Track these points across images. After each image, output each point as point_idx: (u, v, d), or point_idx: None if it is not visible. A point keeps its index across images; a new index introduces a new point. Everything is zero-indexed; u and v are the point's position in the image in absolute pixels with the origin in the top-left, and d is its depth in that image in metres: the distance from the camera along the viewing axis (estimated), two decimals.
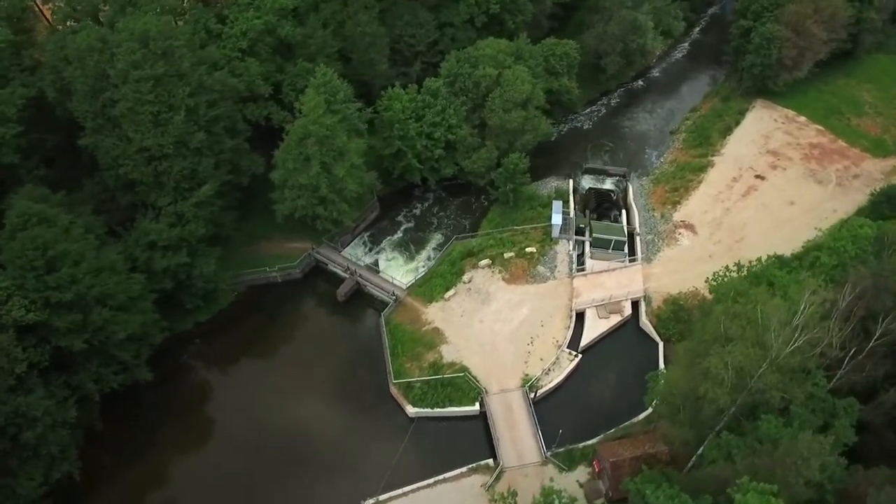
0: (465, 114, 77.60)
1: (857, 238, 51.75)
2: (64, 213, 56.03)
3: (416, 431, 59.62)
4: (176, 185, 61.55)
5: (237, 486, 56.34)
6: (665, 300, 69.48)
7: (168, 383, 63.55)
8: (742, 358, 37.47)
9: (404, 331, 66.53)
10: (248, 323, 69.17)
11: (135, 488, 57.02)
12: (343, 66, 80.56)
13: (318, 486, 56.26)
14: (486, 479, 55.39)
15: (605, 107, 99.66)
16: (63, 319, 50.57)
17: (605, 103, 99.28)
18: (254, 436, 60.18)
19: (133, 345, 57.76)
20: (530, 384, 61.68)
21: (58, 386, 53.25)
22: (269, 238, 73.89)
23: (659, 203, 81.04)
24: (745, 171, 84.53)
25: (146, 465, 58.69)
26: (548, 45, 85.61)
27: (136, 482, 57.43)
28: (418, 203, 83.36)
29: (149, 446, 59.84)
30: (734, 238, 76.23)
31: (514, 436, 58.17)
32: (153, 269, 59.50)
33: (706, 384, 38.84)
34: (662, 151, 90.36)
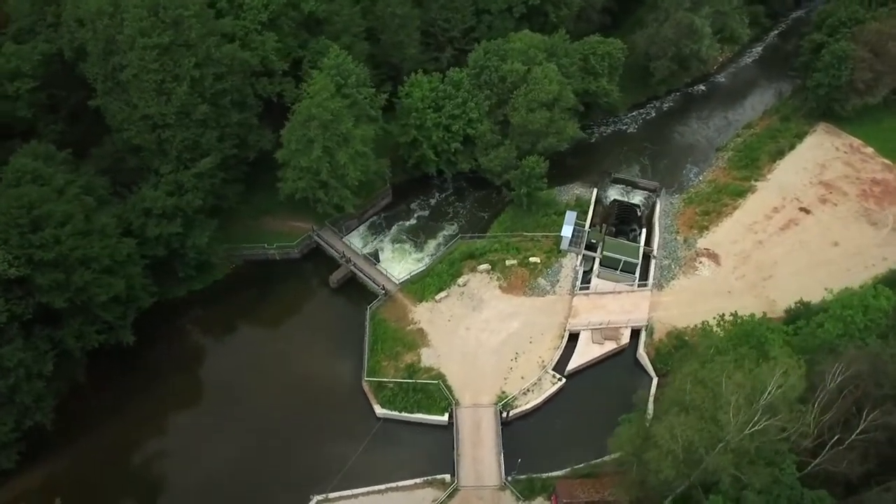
0: (487, 108, 74.12)
1: (870, 309, 45.68)
2: (65, 171, 57.24)
3: (381, 433, 58.56)
4: (178, 154, 61.80)
5: (196, 459, 57.15)
6: (669, 333, 64.88)
7: (156, 346, 64.93)
8: (692, 432, 33.75)
9: (388, 328, 65.16)
10: (240, 297, 69.57)
11: (108, 442, 58.58)
12: (372, 47, 78.60)
13: (275, 472, 56.28)
14: (438, 495, 53.86)
15: (655, 110, 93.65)
16: (45, 277, 51.93)
17: (656, 107, 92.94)
18: (225, 410, 60.86)
19: (118, 307, 58.94)
20: (504, 402, 59.24)
21: (40, 339, 55.03)
22: (274, 214, 73.65)
23: (685, 226, 75.41)
24: (790, 202, 77.35)
25: (123, 422, 60.16)
26: (590, 42, 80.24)
27: (110, 436, 59.03)
28: (437, 192, 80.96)
29: (128, 405, 61.31)
30: (761, 275, 70.09)
31: (477, 454, 56.18)
32: (146, 236, 60.23)
33: (652, 452, 35.39)
34: (703, 168, 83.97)
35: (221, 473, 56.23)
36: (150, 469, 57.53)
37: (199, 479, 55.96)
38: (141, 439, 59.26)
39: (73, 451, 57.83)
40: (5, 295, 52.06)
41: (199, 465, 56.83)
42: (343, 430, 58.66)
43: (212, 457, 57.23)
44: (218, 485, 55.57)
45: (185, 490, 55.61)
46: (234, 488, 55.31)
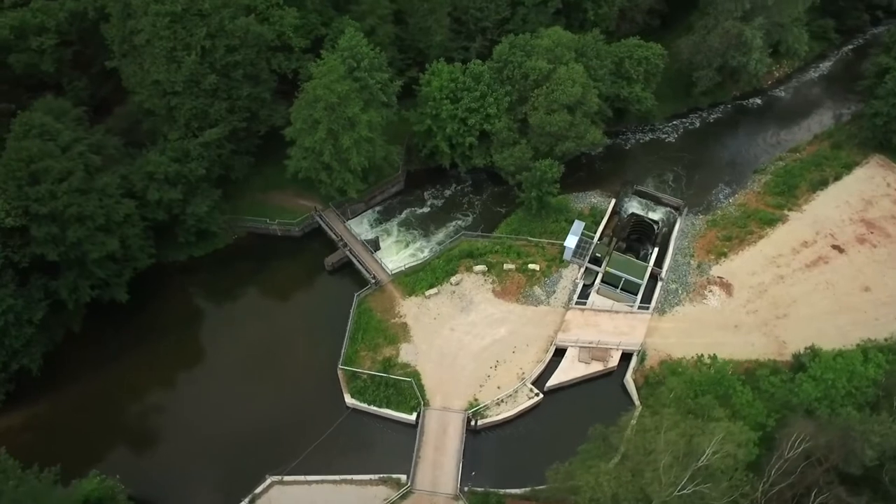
0: (507, 105, 71.54)
1: (855, 375, 41.26)
2: (76, 128, 58.76)
3: (347, 422, 58.35)
4: (186, 122, 62.55)
5: (168, 419, 59.02)
6: (662, 362, 61.58)
7: (153, 306, 66.67)
8: (616, 485, 31.44)
9: (372, 318, 64.55)
10: (238, 268, 70.45)
11: (92, 390, 60.40)
12: (400, 30, 77.15)
13: (237, 445, 56.89)
14: (391, 494, 53.26)
15: (700, 120, 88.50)
16: (40, 230, 53.79)
17: (702, 117, 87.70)
18: (204, 377, 62.27)
19: (113, 264, 60.60)
20: (475, 410, 57.80)
21: (35, 288, 57.33)
22: (283, 190, 73.86)
23: (702, 250, 71.10)
24: (822, 238, 71.71)
25: (110, 374, 61.96)
26: (627, 45, 76.05)
27: (96, 385, 60.88)
28: (454, 183, 79.20)
29: (118, 358, 63.02)
30: (775, 313, 65.45)
31: (438, 459, 55.16)
32: (147, 199, 61.38)
33: (577, 497, 33.35)
34: (736, 190, 78.82)
35: (187, 437, 57.60)
36: (125, 421, 59.15)
37: (164, 439, 57.79)
38: (122, 392, 60.90)
39: (59, 397, 60.25)
40: (4, 242, 54.17)
41: (168, 426, 58.51)
42: (311, 414, 58.72)
43: (183, 419, 58.70)
44: (182, 447, 57.07)
45: (149, 446, 57.47)
46: (195, 452, 56.52)
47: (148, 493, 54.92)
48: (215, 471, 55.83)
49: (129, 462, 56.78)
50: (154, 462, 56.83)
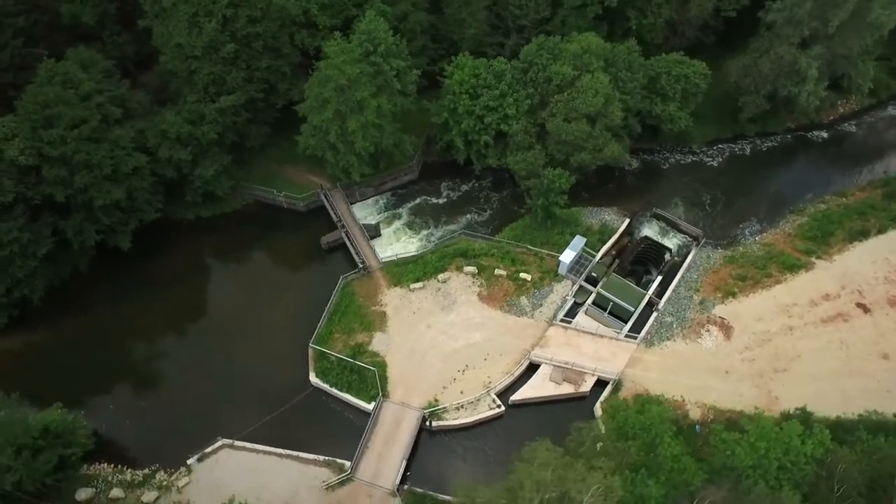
0: (527, 107, 69.49)
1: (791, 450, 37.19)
2: (101, 79, 61.71)
3: (307, 400, 59.06)
4: (205, 86, 64.47)
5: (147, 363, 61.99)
6: (636, 396, 58.69)
7: (156, 257, 69.61)
8: None
9: (354, 302, 64.84)
10: (240, 233, 72.41)
11: (88, 326, 63.79)
12: (436, 19, 76.45)
13: (201, 403, 58.83)
14: (331, 478, 53.65)
15: (751, 147, 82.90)
16: (50, 171, 57.16)
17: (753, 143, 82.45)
18: (188, 329, 64.95)
19: (118, 213, 63.61)
20: (432, 411, 57.18)
21: (44, 225, 61.02)
22: (296, 164, 75.08)
23: (711, 286, 67.03)
24: (848, 293, 66.00)
25: (106, 314, 65.20)
26: (667, 60, 72.14)
27: (91, 322, 64.08)
28: (474, 179, 77.72)
29: (116, 301, 66.36)
30: (774, 365, 61.01)
31: (384, 452, 55.01)
32: (158, 156, 63.91)
33: None
34: (766, 228, 73.81)
35: (159, 387, 60.56)
36: (107, 362, 61.55)
37: (139, 385, 60.84)
38: (112, 335, 63.72)
39: (55, 330, 63.98)
40: (19, 178, 57.90)
41: (145, 373, 61.51)
42: (275, 386, 59.74)
43: (159, 369, 61.64)
44: (152, 395, 60.12)
45: (123, 389, 60.39)
46: (162, 403, 59.22)
47: (112, 432, 57.88)
48: (175, 423, 57.91)
49: (102, 400, 59.87)
50: (124, 404, 59.60)
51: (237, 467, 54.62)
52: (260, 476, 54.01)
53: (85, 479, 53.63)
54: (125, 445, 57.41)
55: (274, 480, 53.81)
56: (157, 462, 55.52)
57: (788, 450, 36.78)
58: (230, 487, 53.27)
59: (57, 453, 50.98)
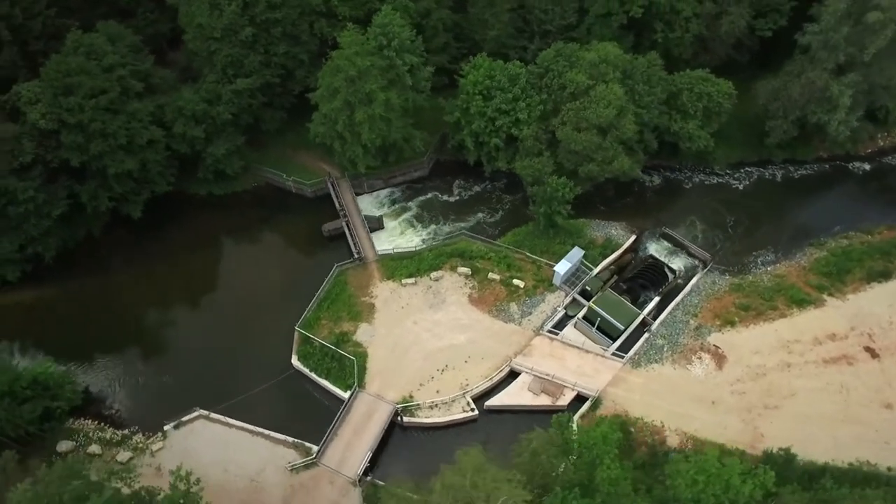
0: (539, 113, 68.70)
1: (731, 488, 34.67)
2: (126, 53, 64.31)
3: (287, 381, 60.12)
4: (223, 67, 66.36)
5: (141, 331, 64.48)
6: (614, 415, 57.38)
7: (167, 228, 72.15)
8: None
9: (345, 291, 65.61)
10: (248, 213, 74.29)
11: (94, 285, 66.99)
12: (461, 18, 76.46)
13: (185, 372, 60.80)
14: (297, 460, 54.51)
15: (782, 172, 78.97)
16: (68, 137, 59.98)
17: (786, 169, 78.73)
18: (185, 299, 67.37)
19: (132, 183, 66.23)
20: (405, 407, 57.37)
21: (60, 187, 64.08)
22: (310, 151, 76.35)
23: (711, 312, 64.87)
24: (857, 335, 62.77)
25: (113, 276, 68.36)
26: (690, 76, 70.10)
27: (98, 282, 67.42)
28: (488, 180, 77.29)
29: (125, 265, 69.44)
30: (765, 401, 58.64)
31: (351, 442, 55.50)
32: (173, 131, 66.15)
33: None
34: (781, 258, 70.85)
35: (149, 352, 62.99)
36: (107, 323, 64.34)
37: (131, 348, 63.22)
38: (115, 298, 66.50)
39: (64, 288, 67.22)
40: (39, 141, 60.98)
41: (138, 337, 63.97)
42: (258, 363, 61.06)
43: (152, 335, 64.36)
44: (141, 359, 62.55)
45: (117, 349, 62.82)
46: (151, 368, 61.67)
47: (101, 391, 60.58)
48: (160, 389, 60.16)
49: (97, 360, 62.61)
50: (116, 366, 62.18)
51: (210, 438, 56.12)
52: (230, 449, 55.37)
53: (68, 432, 56.07)
54: (111, 405, 59.88)
55: (242, 455, 55.07)
56: (137, 424, 57.69)
57: (728, 487, 35.22)
58: (200, 457, 54.73)
59: (43, 404, 53.45)
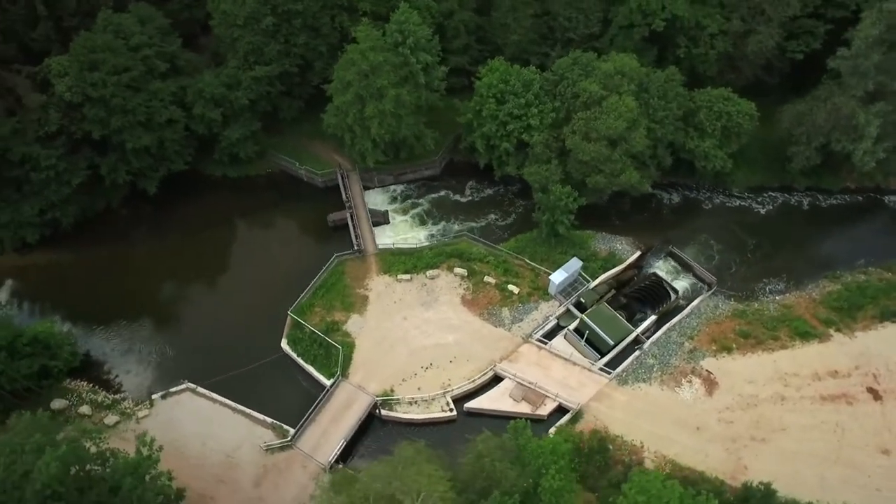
0: (550, 120, 68.27)
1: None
2: (154, 34, 66.89)
3: (274, 363, 61.27)
4: (245, 54, 68.28)
5: (145, 300, 66.43)
6: (594, 430, 56.56)
7: (181, 204, 74.67)
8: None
9: (341, 281, 66.53)
10: (260, 196, 76.23)
11: (106, 253, 69.95)
12: (485, 21, 76.70)
13: (179, 344, 62.89)
14: (273, 441, 55.55)
15: (810, 201, 76.21)
16: (90, 110, 62.81)
17: (815, 197, 76.04)
18: (190, 275, 69.16)
19: (150, 159, 68.80)
20: (385, 400, 57.84)
21: (82, 158, 67.10)
22: (325, 141, 77.72)
23: (708, 336, 63.22)
24: (861, 375, 60.22)
25: (125, 247, 71.07)
26: (710, 94, 68.53)
27: (109, 250, 70.32)
28: (501, 184, 77.10)
29: (139, 236, 72.42)
30: (753, 433, 56.77)
31: (328, 429, 56.23)
32: (192, 112, 68.45)
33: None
34: (792, 288, 68.65)
35: (148, 321, 65.10)
36: (114, 291, 67.04)
37: (134, 315, 65.32)
38: (125, 267, 69.34)
39: (80, 254, 70.37)
40: (66, 112, 64.02)
41: (142, 306, 66.09)
42: (250, 343, 62.44)
43: (154, 305, 66.41)
44: (140, 328, 64.65)
45: (120, 316, 65.15)
46: (147, 336, 63.91)
47: (100, 355, 63.03)
48: (155, 359, 62.27)
49: (100, 325, 65.09)
50: (117, 333, 64.56)
51: (194, 411, 57.75)
52: (211, 424, 56.85)
53: (63, 391, 58.56)
54: (107, 370, 62.25)
55: (222, 431, 56.46)
56: (128, 391, 59.84)
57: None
58: (182, 428, 56.47)
59: (41, 362, 56.05)
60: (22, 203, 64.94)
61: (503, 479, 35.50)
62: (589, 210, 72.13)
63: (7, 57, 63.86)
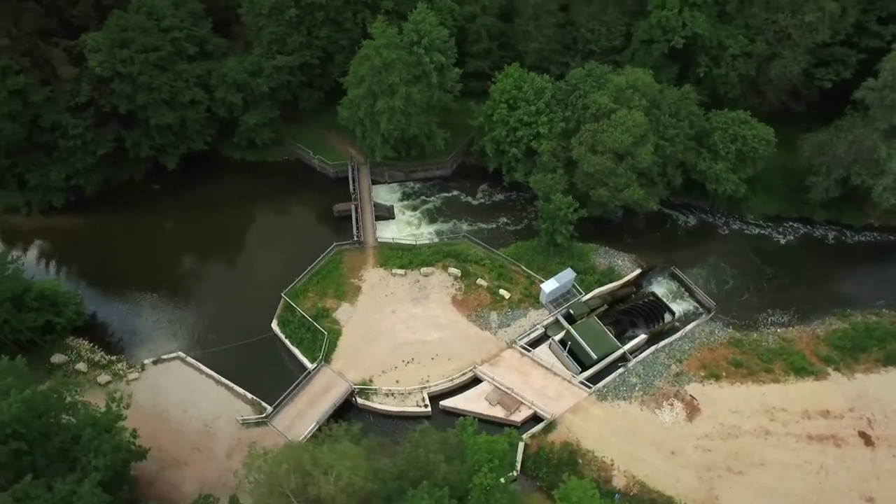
0: (560, 130, 68.17)
1: None
2: (185, 18, 70.10)
3: (263, 342, 63.10)
4: (268, 43, 70.78)
5: (153, 269, 69.34)
6: (565, 442, 56.16)
7: (199, 183, 77.53)
8: None
9: (338, 270, 67.96)
10: (273, 181, 78.49)
11: (122, 223, 73.35)
12: (509, 27, 77.28)
13: (177, 314, 65.58)
14: (250, 416, 57.25)
15: (835, 234, 73.28)
16: (119, 86, 66.32)
17: (841, 233, 73.10)
18: (196, 249, 72.26)
19: (172, 136, 72.01)
20: (362, 389, 58.87)
21: (109, 130, 70.79)
22: (341, 133, 79.35)
23: (698, 362, 61.90)
24: (854, 419, 57.96)
25: (142, 218, 74.26)
26: (726, 116, 67.19)
27: (126, 220, 73.62)
28: (515, 190, 77.19)
29: (155, 209, 75.39)
30: (730, 464, 55.31)
31: (304, 411, 57.55)
32: (215, 95, 71.37)
33: None
34: (794, 322, 66.57)
35: (150, 289, 67.84)
36: (125, 257, 70.39)
37: (139, 282, 68.12)
38: (140, 236, 72.41)
39: (98, 220, 74.04)
40: (96, 86, 67.81)
41: (149, 274, 68.83)
42: (243, 320, 64.57)
43: (160, 274, 69.09)
44: (143, 294, 67.55)
45: (126, 282, 68.13)
46: (148, 303, 66.78)
47: (105, 317, 66.22)
48: (154, 326, 64.99)
49: (109, 289, 68.39)
50: (124, 298, 67.53)
51: (181, 379, 60.11)
52: (195, 393, 59.04)
53: (64, 347, 61.79)
54: (110, 332, 65.38)
55: (204, 401, 58.56)
56: (123, 353, 62.66)
57: None
58: (168, 394, 58.88)
59: (46, 317, 59.31)
60: (50, 168, 68.85)
61: (435, 470, 35.92)
62: (600, 224, 71.89)
63: (48, 30, 67.95)
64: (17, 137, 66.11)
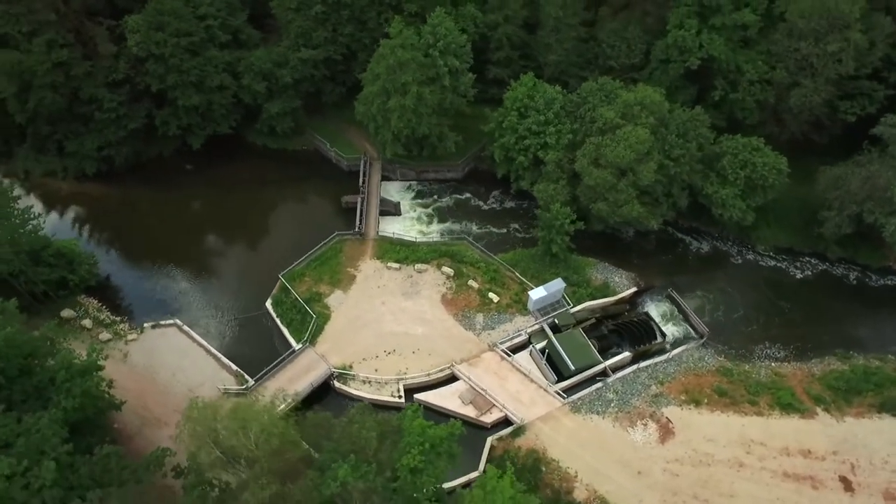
0: (566, 141, 68.58)
1: None
2: (221, 7, 74.24)
3: (256, 319, 65.77)
4: (295, 36, 74.10)
5: (167, 241, 72.94)
6: (532, 449, 56.25)
7: (222, 163, 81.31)
8: None
9: (337, 258, 70.09)
10: (289, 169, 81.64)
11: (146, 197, 77.58)
12: (532, 39, 78.29)
13: (181, 283, 69.07)
14: (232, 387, 59.72)
15: (858, 275, 70.57)
16: (152, 66, 70.84)
17: (866, 276, 70.24)
18: (207, 225, 76.11)
19: (198, 118, 76.12)
20: (341, 374, 60.55)
21: (142, 107, 75.51)
22: (359, 128, 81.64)
23: (680, 386, 61.02)
24: (837, 462, 55.97)
25: (168, 192, 78.31)
26: (737, 141, 66.23)
27: (150, 195, 77.91)
28: (527, 199, 77.41)
29: (181, 186, 79.49)
30: (698, 492, 54.33)
31: (283, 387, 58.00)
32: (242, 81, 75.15)
33: None
34: (790, 358, 64.78)
35: (167, 258, 71.33)
36: (144, 229, 74.49)
37: (151, 250, 72.05)
38: (162, 209, 76.41)
39: (125, 191, 78.69)
40: (133, 65, 72.56)
41: (161, 245, 72.66)
42: (241, 296, 67.68)
43: (171, 247, 72.58)
44: (159, 262, 71.15)
45: (141, 249, 72.43)
46: (154, 271, 70.47)
47: (117, 280, 70.32)
48: (160, 293, 68.62)
49: (126, 253, 72.90)
50: (137, 263, 71.72)
51: (175, 345, 63.18)
52: (185, 359, 61.98)
53: (75, 303, 65.90)
54: (120, 295, 69.41)
55: (192, 368, 61.40)
56: (127, 315, 66.33)
57: None
58: (160, 357, 62.04)
59: (60, 273, 63.57)
60: (86, 137, 73.87)
61: (367, 447, 37.00)
62: (609, 240, 71.87)
63: (95, 10, 73.29)
64: (58, 107, 71.32)
